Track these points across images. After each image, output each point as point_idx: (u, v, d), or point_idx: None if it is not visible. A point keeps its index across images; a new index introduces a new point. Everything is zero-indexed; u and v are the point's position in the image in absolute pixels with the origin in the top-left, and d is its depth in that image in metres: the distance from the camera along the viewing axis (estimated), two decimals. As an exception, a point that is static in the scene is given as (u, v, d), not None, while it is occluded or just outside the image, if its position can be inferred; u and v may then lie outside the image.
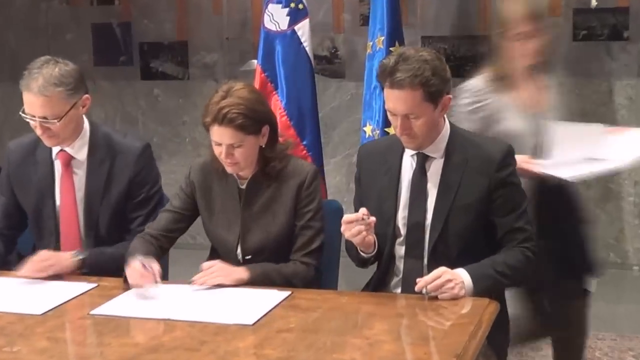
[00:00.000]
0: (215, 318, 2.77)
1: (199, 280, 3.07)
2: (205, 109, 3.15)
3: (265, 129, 3.20)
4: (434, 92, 2.93)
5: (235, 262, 3.26)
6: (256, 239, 3.27)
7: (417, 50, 3.01)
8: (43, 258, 3.28)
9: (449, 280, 2.86)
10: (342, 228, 2.96)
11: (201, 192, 3.35)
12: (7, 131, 6.76)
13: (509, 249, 3.04)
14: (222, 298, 2.99)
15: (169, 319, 2.78)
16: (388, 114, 3.02)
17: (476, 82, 3.75)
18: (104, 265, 3.33)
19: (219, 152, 3.15)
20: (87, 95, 3.41)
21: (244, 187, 3.29)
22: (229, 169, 3.22)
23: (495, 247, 3.06)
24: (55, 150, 3.49)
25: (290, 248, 3.26)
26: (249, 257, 3.27)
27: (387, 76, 2.93)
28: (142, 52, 6.91)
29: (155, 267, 3.05)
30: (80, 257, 3.33)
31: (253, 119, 3.12)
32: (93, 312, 2.89)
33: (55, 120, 3.29)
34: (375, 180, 3.18)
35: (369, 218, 2.93)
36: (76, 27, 7.03)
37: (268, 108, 3.32)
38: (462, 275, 2.89)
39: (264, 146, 3.22)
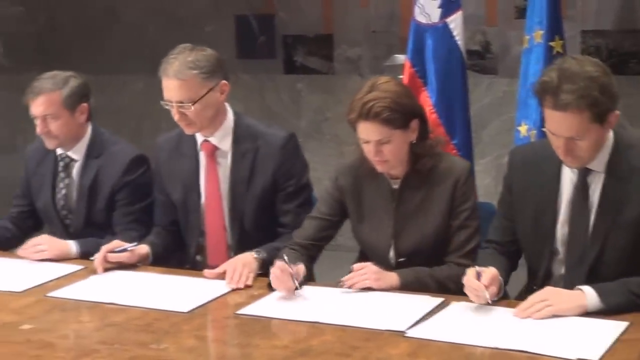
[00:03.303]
0: (366, 323, 2.69)
1: (349, 282, 2.98)
2: (349, 105, 3.06)
3: (415, 124, 3.08)
4: (602, 111, 2.70)
5: (387, 265, 3.17)
6: (410, 241, 3.16)
7: (581, 63, 2.76)
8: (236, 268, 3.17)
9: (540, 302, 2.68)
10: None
11: (351, 195, 3.26)
12: (147, 122, 6.82)
13: None
14: (372, 303, 2.90)
15: (317, 322, 2.72)
16: (547, 132, 2.80)
17: None
18: None
19: (368, 150, 3.05)
20: (225, 82, 3.38)
21: (396, 186, 3.18)
22: (379, 168, 3.11)
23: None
24: (199, 141, 3.46)
25: (445, 250, 3.14)
26: (403, 259, 3.17)
27: (549, 96, 2.71)
28: (285, 45, 6.82)
29: (300, 269, 2.99)
30: (263, 256, 3.24)
31: (400, 112, 3.01)
32: (239, 312, 2.84)
33: (190, 104, 3.26)
34: (530, 192, 2.98)
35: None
36: (218, 19, 7.02)
37: (416, 101, 3.21)
38: (584, 290, 2.69)
39: (414, 142, 3.09)
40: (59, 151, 3.73)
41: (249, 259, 3.19)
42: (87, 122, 3.72)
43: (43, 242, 3.50)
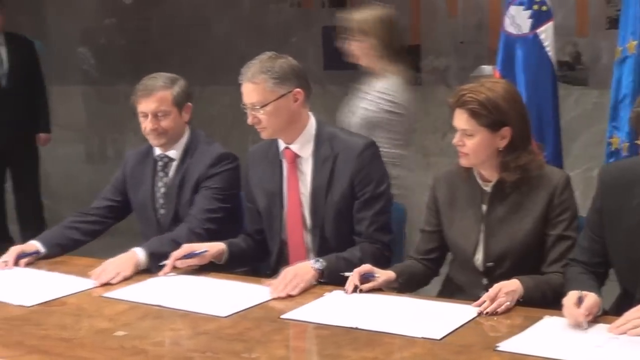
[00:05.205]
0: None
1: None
2: None
3: (506, 131, 3.05)
4: None
5: (474, 269, 3.17)
6: (500, 245, 3.14)
7: None
8: (286, 276, 3.18)
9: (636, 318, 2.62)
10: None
11: (443, 201, 3.28)
12: (235, 133, 6.87)
13: None
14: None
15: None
16: None
17: None
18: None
19: (455, 137, 3.08)
20: (299, 90, 3.40)
21: (488, 189, 3.16)
22: (460, 160, 3.12)
23: None
24: (281, 148, 3.51)
25: (534, 257, 3.11)
26: (491, 263, 3.15)
27: None
28: (373, 56, 6.80)
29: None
30: (322, 265, 3.24)
31: (489, 111, 3.01)
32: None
33: (260, 107, 3.33)
34: (622, 216, 2.88)
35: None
36: (305, 31, 7.05)
37: (517, 110, 3.10)
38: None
39: (501, 149, 3.07)
40: (158, 152, 3.83)
41: (305, 269, 3.20)
42: (187, 123, 3.83)
43: (107, 269, 3.41)
